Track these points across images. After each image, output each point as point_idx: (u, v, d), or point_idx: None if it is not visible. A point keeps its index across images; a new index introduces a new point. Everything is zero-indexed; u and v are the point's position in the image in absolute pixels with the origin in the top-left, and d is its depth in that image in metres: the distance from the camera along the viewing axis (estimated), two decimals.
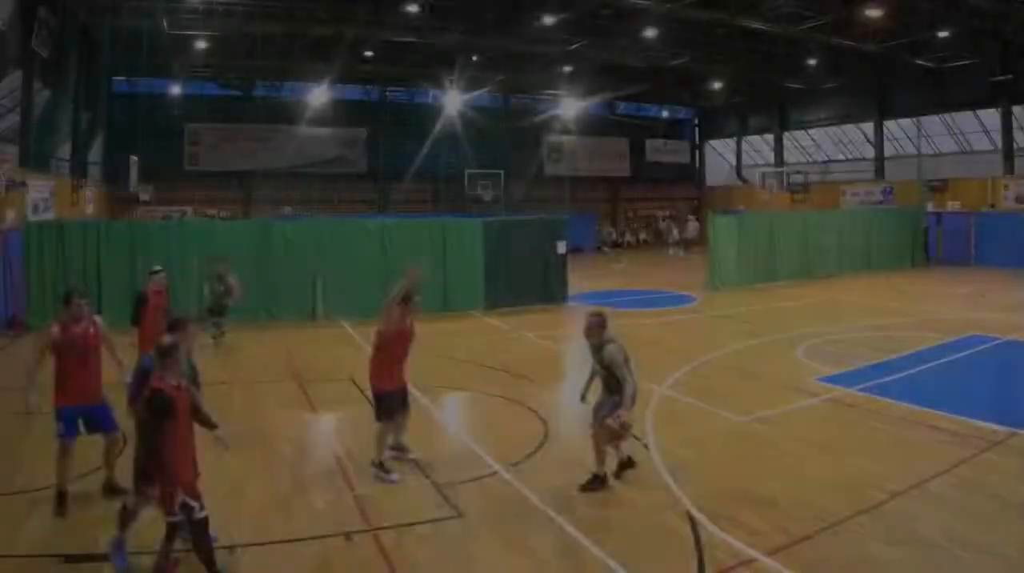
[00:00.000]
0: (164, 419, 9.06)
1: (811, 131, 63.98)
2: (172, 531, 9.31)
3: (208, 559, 9.41)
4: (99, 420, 11.97)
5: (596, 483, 12.23)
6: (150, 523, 9.92)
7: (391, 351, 13.27)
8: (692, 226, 59.28)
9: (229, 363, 20.66)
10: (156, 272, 18.48)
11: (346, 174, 63.25)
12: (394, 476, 12.62)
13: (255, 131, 59.75)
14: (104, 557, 9.81)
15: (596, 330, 12.35)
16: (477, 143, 63.09)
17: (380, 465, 12.75)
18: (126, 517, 9.78)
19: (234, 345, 20.05)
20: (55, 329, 11.73)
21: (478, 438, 15.02)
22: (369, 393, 13.58)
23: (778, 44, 49.50)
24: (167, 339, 9.61)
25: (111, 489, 11.94)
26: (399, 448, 13.51)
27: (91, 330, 11.98)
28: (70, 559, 9.85)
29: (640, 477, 12.64)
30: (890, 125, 57.36)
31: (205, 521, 9.39)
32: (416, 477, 12.82)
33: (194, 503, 9.23)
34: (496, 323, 28.52)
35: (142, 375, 10.31)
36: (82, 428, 11.74)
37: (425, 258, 30.06)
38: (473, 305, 31.13)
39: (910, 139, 56.13)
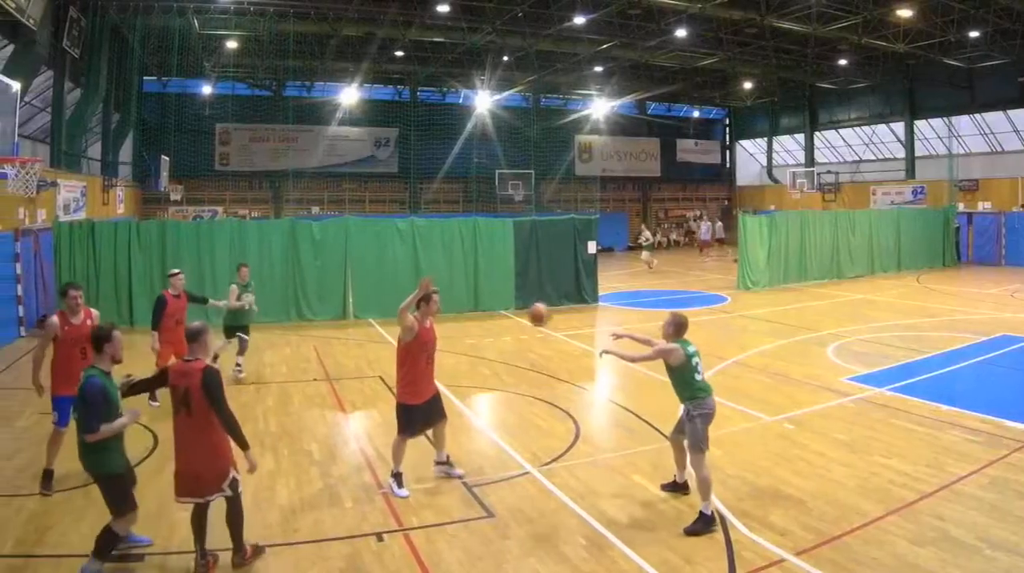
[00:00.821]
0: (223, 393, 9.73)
1: (842, 131, 63.70)
2: (235, 503, 9.94)
3: (240, 532, 9.98)
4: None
5: (704, 524, 10.76)
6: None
7: (415, 363, 12.62)
8: (704, 227, 58.90)
9: (259, 363, 20.72)
10: (174, 274, 18.16)
11: (377, 174, 63.45)
12: (404, 492, 12.19)
13: (285, 131, 59.84)
14: (140, 557, 9.94)
15: (665, 329, 12.57)
16: (507, 143, 63.22)
17: (396, 476, 12.41)
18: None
19: (264, 345, 20.08)
20: (56, 320, 12.33)
21: (509, 438, 15.00)
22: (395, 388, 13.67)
23: (809, 44, 49.36)
24: (196, 324, 10.24)
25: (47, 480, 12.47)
26: (445, 463, 13.08)
27: (88, 322, 12.33)
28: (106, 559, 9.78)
29: (671, 476, 12.51)
30: (921, 125, 57.12)
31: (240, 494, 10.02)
32: (447, 477, 12.83)
33: (239, 477, 9.98)
34: (526, 323, 28.53)
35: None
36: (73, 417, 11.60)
37: (455, 258, 30.20)
38: (504, 305, 31.16)
39: (941, 139, 55.95)
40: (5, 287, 24.84)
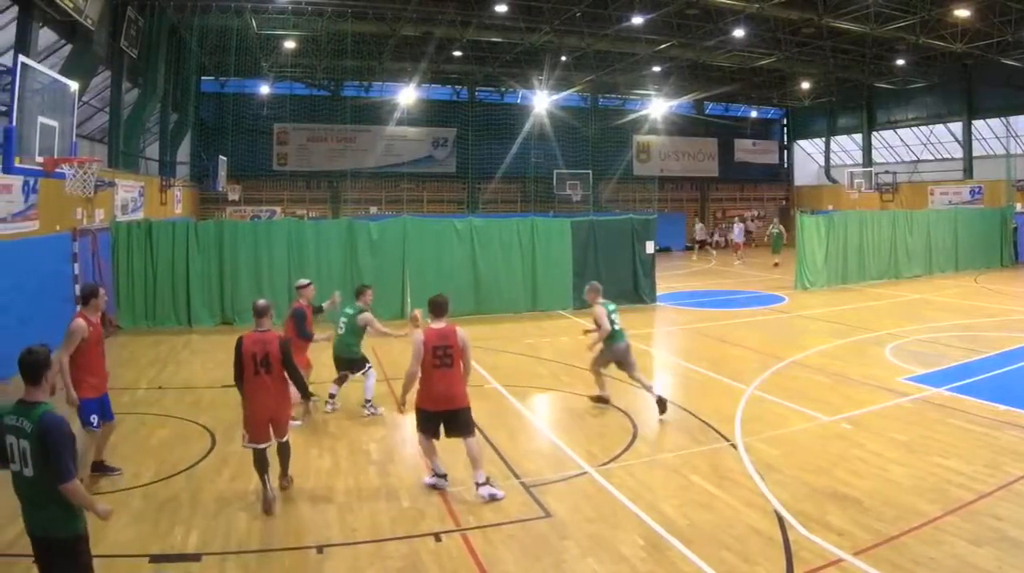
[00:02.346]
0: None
1: (899, 131, 63.24)
2: (287, 448, 12.44)
3: (288, 464, 12.56)
4: (108, 409, 12.66)
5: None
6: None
7: (424, 365, 12.54)
8: (737, 229, 58.48)
9: (317, 362, 20.82)
10: (304, 286, 17.96)
11: (435, 174, 63.65)
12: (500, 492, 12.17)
13: (343, 131, 60.03)
14: (191, 557, 10.00)
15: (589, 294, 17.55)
16: (565, 143, 63.14)
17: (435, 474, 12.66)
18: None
19: (323, 344, 20.19)
20: (84, 323, 12.23)
21: (566, 438, 15.01)
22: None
23: (866, 44, 49.10)
24: (263, 302, 12.42)
25: (103, 469, 12.74)
26: (437, 473, 12.69)
27: (99, 324, 12.64)
28: (156, 559, 9.98)
29: (729, 477, 12.66)
30: (978, 124, 56.62)
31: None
32: (505, 476, 12.87)
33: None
34: (585, 323, 28.44)
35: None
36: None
37: (513, 258, 30.22)
38: (562, 305, 31.11)
39: (998, 139, 55.43)
40: (63, 286, 24.89)
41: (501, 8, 41.35)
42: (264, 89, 57.70)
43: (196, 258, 28.09)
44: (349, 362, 17.09)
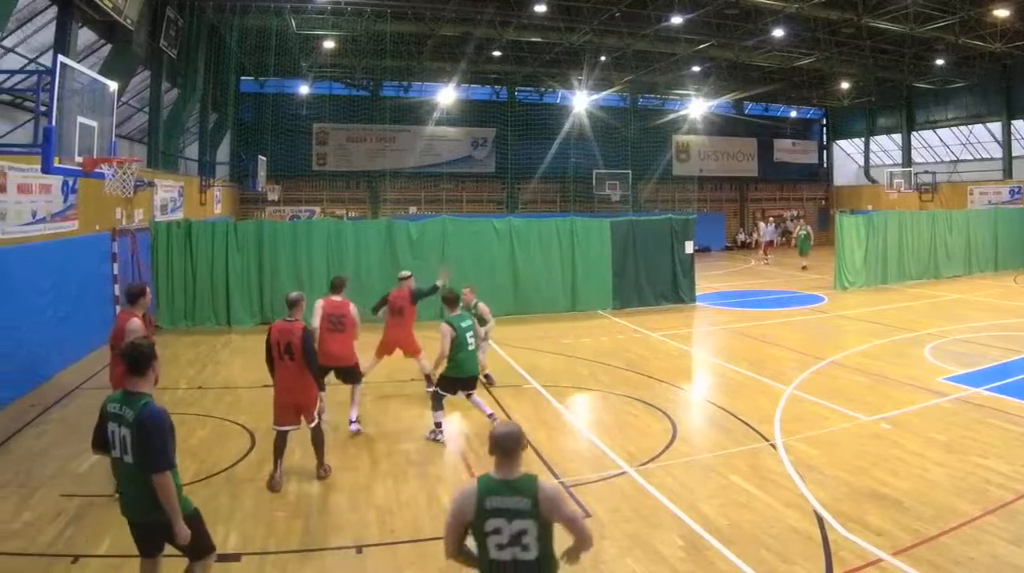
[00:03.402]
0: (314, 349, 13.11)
1: (939, 131, 62.92)
2: (318, 430, 13.14)
3: (323, 452, 13.21)
4: None
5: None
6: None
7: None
8: (766, 230, 58.04)
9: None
10: (404, 278, 18.69)
11: (474, 174, 63.64)
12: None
13: (383, 131, 60.06)
14: (237, 557, 10.07)
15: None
16: (605, 143, 63.14)
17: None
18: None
19: (363, 345, 20.14)
20: (139, 322, 12.32)
21: (606, 438, 14.97)
22: (494, 390, 13.91)
23: (905, 44, 48.89)
24: (295, 294, 13.43)
25: None
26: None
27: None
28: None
29: (768, 477, 12.67)
30: (1018, 124, 56.20)
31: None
32: (544, 476, 12.90)
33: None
34: (624, 323, 28.46)
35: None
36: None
37: (552, 258, 30.21)
38: (602, 305, 31.04)
39: None
40: (102, 287, 24.98)
41: (540, 8, 41.38)
42: (303, 89, 57.76)
43: (235, 258, 28.17)
44: (475, 379, 15.75)
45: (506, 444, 6.71)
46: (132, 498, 8.08)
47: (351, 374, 15.85)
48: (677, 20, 41.30)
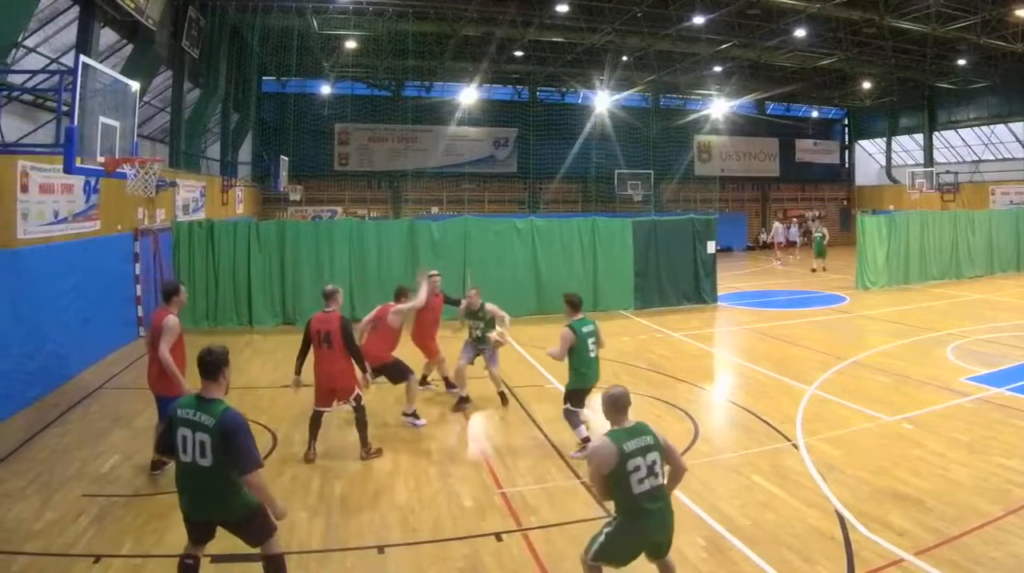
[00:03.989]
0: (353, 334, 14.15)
1: (961, 131, 62.74)
2: (360, 412, 14.13)
3: (366, 434, 14.12)
4: None
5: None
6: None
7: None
8: (780, 230, 57.59)
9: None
10: (431, 276, 18.34)
11: (496, 174, 63.77)
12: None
13: (404, 131, 60.37)
14: (251, 557, 10.03)
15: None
16: (626, 143, 63.34)
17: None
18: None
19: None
20: (176, 319, 12.77)
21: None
22: (516, 390, 14.00)
23: (927, 44, 48.79)
24: (331, 286, 14.41)
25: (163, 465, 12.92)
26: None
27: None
28: (217, 559, 10.07)
29: (790, 477, 12.69)
30: None
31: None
32: (566, 477, 12.94)
33: (362, 394, 14.33)
34: (646, 323, 28.46)
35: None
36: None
37: (574, 258, 30.20)
38: (623, 305, 31.06)
39: None
40: (124, 287, 25.04)
41: (562, 8, 41.41)
42: (325, 89, 57.96)
43: (257, 258, 28.17)
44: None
45: (623, 400, 8.36)
46: (202, 499, 8.36)
47: (390, 372, 15.99)
48: (699, 20, 41.37)
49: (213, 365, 8.47)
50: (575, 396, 14.11)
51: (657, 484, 7.95)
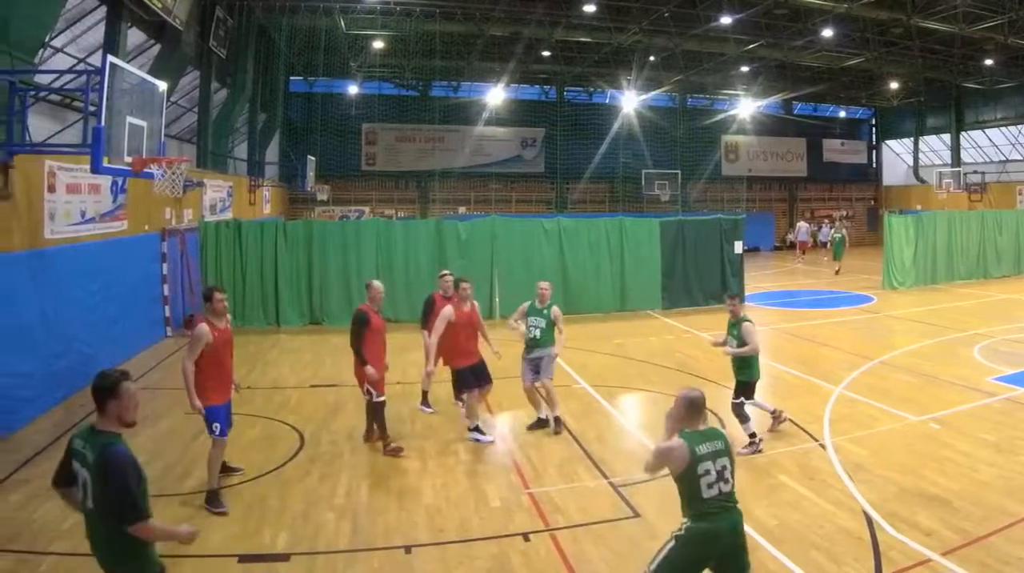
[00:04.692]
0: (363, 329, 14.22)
1: (988, 131, 62.49)
2: (369, 408, 14.49)
3: (384, 426, 14.39)
4: (230, 416, 12.44)
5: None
6: None
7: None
8: (803, 228, 57.31)
9: (406, 362, 20.87)
10: (443, 276, 17.56)
11: (523, 174, 63.80)
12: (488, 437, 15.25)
13: (432, 131, 60.58)
14: (279, 557, 10.17)
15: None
16: (654, 143, 63.39)
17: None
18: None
19: (411, 344, 20.15)
20: (207, 329, 11.91)
21: (655, 437, 14.65)
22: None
23: (955, 44, 48.59)
24: (376, 283, 14.89)
25: (225, 468, 12.66)
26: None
27: (229, 327, 12.40)
28: (244, 559, 10.15)
29: (817, 477, 12.71)
30: None
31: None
32: (593, 477, 12.96)
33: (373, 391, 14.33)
34: (673, 323, 28.47)
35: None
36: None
37: (601, 258, 30.17)
38: (651, 305, 31.06)
39: None
40: (152, 287, 25.18)
41: (589, 8, 41.35)
42: (353, 89, 58.16)
43: (285, 258, 28.26)
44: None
45: (701, 403, 8.27)
46: (96, 546, 7.16)
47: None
48: (726, 20, 41.28)
49: (96, 391, 7.09)
50: (749, 389, 14.78)
51: (727, 490, 7.86)
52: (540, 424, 16.04)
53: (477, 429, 15.26)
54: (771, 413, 15.28)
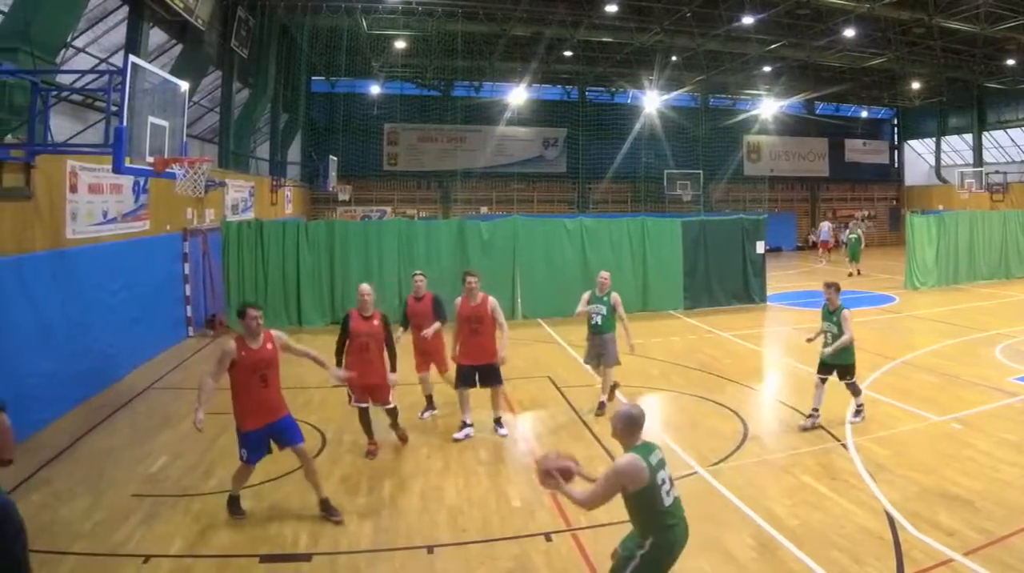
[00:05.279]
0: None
1: (1010, 131, 62.32)
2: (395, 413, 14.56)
3: (396, 418, 14.66)
4: (285, 433, 11.74)
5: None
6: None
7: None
8: (825, 228, 57.09)
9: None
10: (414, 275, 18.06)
11: (545, 174, 63.84)
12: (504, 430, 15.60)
13: (454, 131, 60.69)
14: (301, 557, 10.20)
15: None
16: (676, 143, 63.44)
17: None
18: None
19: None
20: (233, 346, 11.39)
21: (677, 438, 15.01)
22: (565, 390, 14.06)
23: (977, 44, 48.56)
24: (362, 286, 14.68)
25: (326, 509, 11.60)
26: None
27: (268, 346, 11.71)
28: (266, 559, 10.16)
29: (839, 477, 12.69)
30: None
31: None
32: None
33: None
34: (695, 323, 28.47)
35: None
36: (273, 447, 11.67)
37: (623, 258, 30.13)
38: (672, 305, 31.02)
39: None
40: (174, 287, 25.29)
41: (611, 8, 41.44)
42: (374, 89, 58.31)
43: (306, 258, 28.29)
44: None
45: (641, 420, 8.05)
46: None
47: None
48: (748, 20, 41.25)
49: None
50: (853, 368, 16.12)
51: (676, 494, 8.01)
52: (601, 407, 17.10)
53: (498, 421, 15.76)
54: (815, 410, 15.75)
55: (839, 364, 15.96)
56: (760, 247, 32.75)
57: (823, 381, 15.89)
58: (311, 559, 10.19)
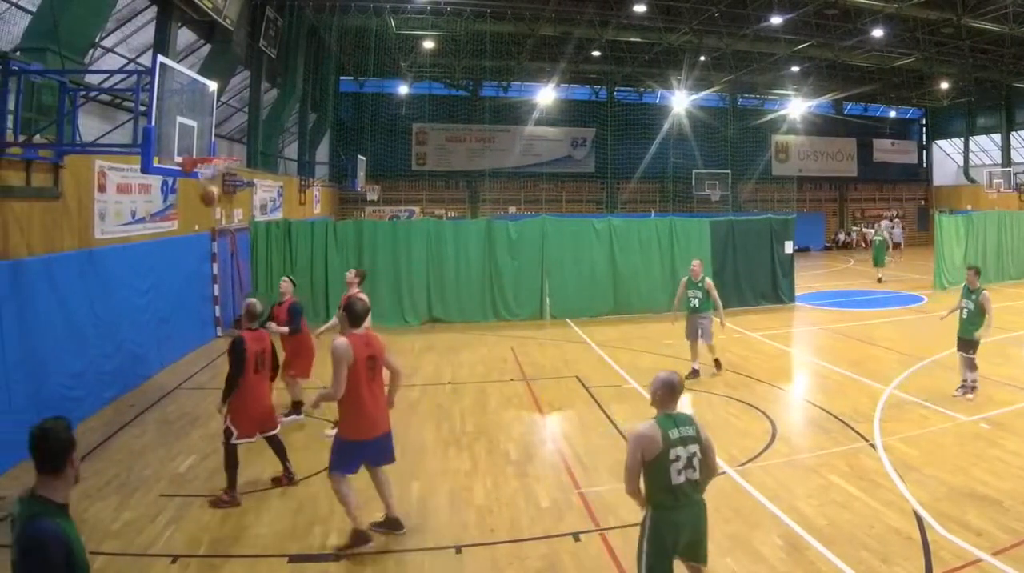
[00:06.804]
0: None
1: None
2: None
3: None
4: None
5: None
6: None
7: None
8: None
9: (456, 363, 20.88)
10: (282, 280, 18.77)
11: (573, 174, 63.92)
12: None
13: (482, 131, 60.78)
14: (329, 557, 10.22)
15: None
16: (704, 143, 63.40)
17: None
18: None
19: (461, 345, 20.11)
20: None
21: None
22: (594, 390, 14.02)
23: (1005, 44, 48.31)
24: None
25: (389, 524, 11.04)
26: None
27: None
28: (295, 559, 10.19)
29: (867, 476, 12.65)
30: None
31: None
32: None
33: None
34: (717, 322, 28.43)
35: None
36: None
37: (652, 259, 30.11)
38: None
39: None
40: (202, 287, 25.31)
41: (640, 8, 41.40)
42: (403, 89, 58.35)
43: (334, 258, 28.24)
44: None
45: (678, 386, 8.04)
46: None
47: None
48: (777, 20, 41.20)
49: (46, 450, 5.45)
50: (977, 343, 17.84)
51: (695, 478, 7.93)
52: (694, 374, 19.59)
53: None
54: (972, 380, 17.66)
55: (968, 338, 17.80)
56: (789, 247, 32.67)
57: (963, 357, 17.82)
58: (339, 559, 10.20)
